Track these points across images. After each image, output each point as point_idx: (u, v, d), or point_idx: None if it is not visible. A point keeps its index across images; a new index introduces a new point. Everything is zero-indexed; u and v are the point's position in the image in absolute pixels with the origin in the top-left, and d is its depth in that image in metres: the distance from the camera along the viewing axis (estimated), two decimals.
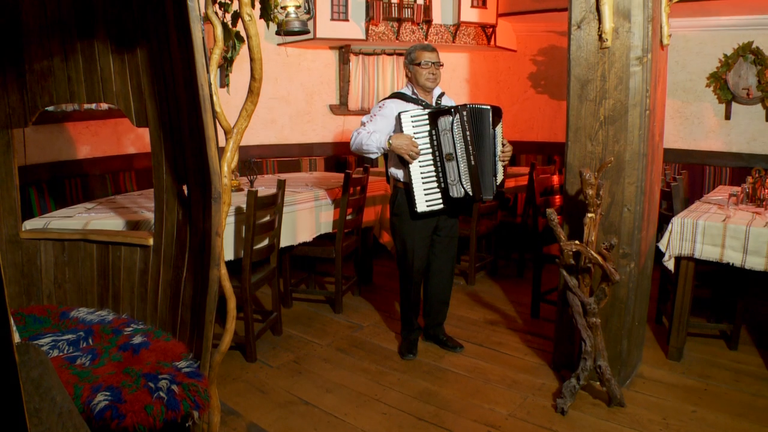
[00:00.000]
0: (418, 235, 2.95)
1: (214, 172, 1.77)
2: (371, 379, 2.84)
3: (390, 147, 2.76)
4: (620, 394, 2.49)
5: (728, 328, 3.07)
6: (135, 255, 2.28)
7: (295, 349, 3.19)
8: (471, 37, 5.09)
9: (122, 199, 3.33)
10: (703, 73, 4.64)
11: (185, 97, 1.94)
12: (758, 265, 2.61)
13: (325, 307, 3.86)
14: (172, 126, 2.06)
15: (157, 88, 2.06)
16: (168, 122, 2.06)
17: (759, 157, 4.48)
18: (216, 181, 1.78)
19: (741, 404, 2.50)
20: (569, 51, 2.62)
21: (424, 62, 2.83)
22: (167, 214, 2.16)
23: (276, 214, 3.11)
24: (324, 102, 5.39)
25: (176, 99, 2.00)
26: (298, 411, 2.55)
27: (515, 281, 4.47)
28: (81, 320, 2.27)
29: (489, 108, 2.80)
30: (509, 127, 5.82)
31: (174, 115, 2.03)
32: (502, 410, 2.53)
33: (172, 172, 2.11)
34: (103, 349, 2.04)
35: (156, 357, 2.00)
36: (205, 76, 1.69)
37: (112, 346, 2.06)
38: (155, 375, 1.87)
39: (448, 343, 3.16)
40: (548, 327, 3.42)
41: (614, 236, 2.55)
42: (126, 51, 2.11)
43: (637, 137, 2.48)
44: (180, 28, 1.86)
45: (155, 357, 2.00)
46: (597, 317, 2.45)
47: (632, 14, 2.43)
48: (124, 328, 2.21)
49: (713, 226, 2.71)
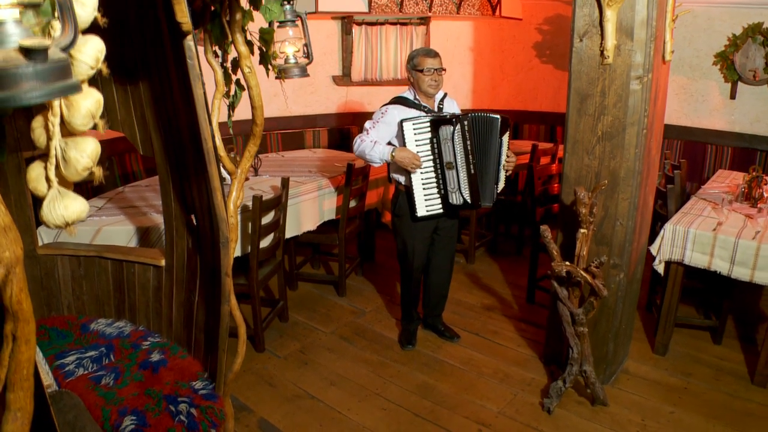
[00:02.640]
0: (419, 236, 3.06)
1: (221, 219, 1.86)
2: (372, 371, 3.04)
3: (393, 160, 2.81)
4: (603, 395, 2.68)
5: (714, 324, 3.23)
6: (148, 273, 2.41)
7: (301, 338, 3.38)
8: (476, 8, 4.96)
9: (130, 194, 3.42)
10: (710, 51, 4.55)
11: (188, 136, 1.99)
12: (744, 275, 2.71)
13: (330, 289, 4.03)
14: (177, 159, 2.12)
15: (161, 122, 2.11)
16: (174, 155, 2.13)
17: (761, 139, 4.48)
18: (223, 228, 1.87)
19: (718, 405, 2.69)
20: (570, 63, 2.61)
21: (427, 69, 2.82)
22: (177, 240, 2.26)
23: (281, 212, 3.20)
24: (327, 73, 5.34)
25: (180, 136, 2.05)
26: (305, 405, 2.76)
27: (514, 260, 4.61)
28: (101, 333, 2.44)
29: (498, 118, 2.81)
30: (512, 96, 5.78)
31: (179, 149, 2.09)
32: (492, 407, 2.73)
33: (180, 202, 2.19)
34: (125, 368, 2.21)
35: (174, 376, 2.17)
36: (209, 132, 1.74)
37: (132, 364, 2.23)
38: (175, 397, 2.05)
39: (446, 333, 3.34)
40: (542, 313, 3.58)
41: (606, 248, 2.65)
42: (128, 83, 2.14)
43: (633, 155, 2.52)
44: (179, 69, 1.88)
45: (173, 376, 2.17)
46: (585, 326, 2.59)
47: (635, 32, 2.40)
48: (142, 342, 2.37)
49: (703, 235, 2.80)
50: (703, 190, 3.62)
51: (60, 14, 0.56)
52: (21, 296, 0.72)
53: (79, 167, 0.66)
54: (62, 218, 0.66)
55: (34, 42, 0.49)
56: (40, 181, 0.68)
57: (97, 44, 0.66)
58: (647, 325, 3.44)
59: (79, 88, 0.53)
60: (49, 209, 0.66)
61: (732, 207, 3.17)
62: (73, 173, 0.66)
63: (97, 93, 0.68)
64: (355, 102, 5.50)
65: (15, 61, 0.48)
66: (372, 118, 2.96)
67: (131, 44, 2.01)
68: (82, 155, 0.65)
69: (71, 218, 0.67)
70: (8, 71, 0.48)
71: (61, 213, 0.66)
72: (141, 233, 2.85)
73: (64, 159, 0.65)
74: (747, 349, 3.17)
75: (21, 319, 0.74)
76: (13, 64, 0.48)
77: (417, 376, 2.99)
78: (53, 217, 0.67)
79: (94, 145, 0.67)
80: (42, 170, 0.68)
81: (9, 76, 0.48)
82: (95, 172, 0.69)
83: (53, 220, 0.67)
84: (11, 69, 0.48)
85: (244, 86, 1.80)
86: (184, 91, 1.87)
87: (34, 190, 0.69)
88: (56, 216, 0.66)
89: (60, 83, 0.51)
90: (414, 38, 5.37)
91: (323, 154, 4.66)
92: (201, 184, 1.97)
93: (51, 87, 0.50)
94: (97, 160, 0.68)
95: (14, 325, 0.74)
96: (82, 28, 0.67)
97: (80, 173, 0.67)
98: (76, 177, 0.68)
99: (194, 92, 1.70)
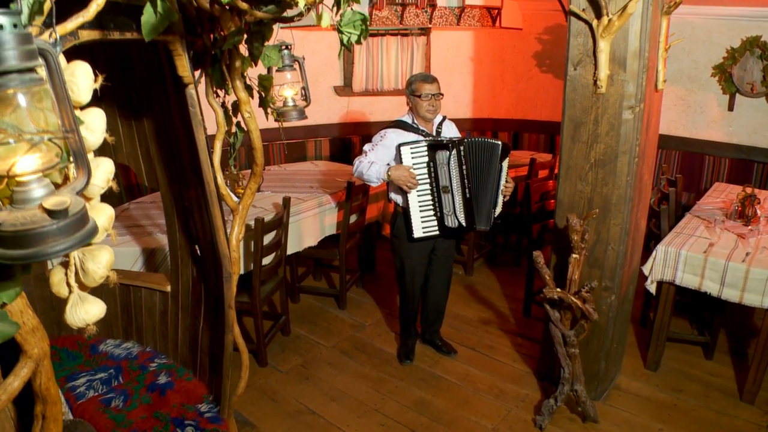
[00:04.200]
0: (416, 256, 3.14)
1: (224, 256, 1.94)
2: (371, 386, 3.13)
3: (389, 178, 2.88)
4: (594, 413, 2.76)
5: (706, 340, 3.30)
6: (154, 297, 2.50)
7: (303, 352, 3.48)
8: (476, 19, 5.01)
9: (136, 212, 3.51)
10: (709, 62, 4.59)
11: (191, 171, 2.07)
12: (733, 297, 2.78)
13: (331, 302, 4.12)
14: (182, 193, 2.20)
15: (164, 157, 2.19)
16: (178, 189, 2.21)
17: (759, 150, 4.53)
18: (226, 264, 1.95)
19: (706, 423, 2.77)
20: (564, 91, 2.67)
21: (425, 95, 2.89)
22: (182, 268, 2.35)
23: (282, 231, 3.29)
24: (328, 83, 5.40)
25: (183, 171, 2.13)
26: (306, 421, 2.85)
27: (512, 271, 4.68)
28: (110, 355, 2.54)
29: (499, 144, 2.86)
30: (512, 106, 5.83)
31: (183, 184, 2.17)
32: (487, 423, 2.82)
33: (184, 233, 2.28)
34: (133, 390, 2.31)
35: (180, 399, 2.27)
36: (211, 175, 1.82)
37: (140, 386, 2.33)
38: (182, 420, 2.15)
39: (443, 349, 3.43)
40: (538, 327, 3.66)
41: (598, 271, 2.73)
42: (133, 118, 2.22)
43: (624, 182, 2.59)
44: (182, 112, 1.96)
45: (180, 399, 2.27)
46: (576, 348, 2.67)
47: (628, 63, 2.46)
48: (149, 364, 2.47)
49: (694, 257, 2.87)
50: (698, 206, 3.68)
51: (74, 160, 0.64)
52: (49, 384, 0.81)
53: (96, 277, 0.74)
54: (83, 321, 0.75)
55: (56, 203, 0.57)
56: (61, 285, 0.77)
57: (107, 167, 0.74)
58: (641, 340, 3.51)
59: (97, 231, 0.61)
60: (71, 314, 0.75)
61: (725, 226, 3.24)
62: (91, 282, 0.75)
63: (110, 209, 0.76)
64: (357, 112, 5.57)
65: (40, 222, 0.56)
66: (371, 141, 3.03)
67: (134, 83, 2.09)
68: (99, 266, 0.73)
69: (91, 320, 0.75)
70: (35, 230, 0.56)
71: (82, 317, 0.74)
72: (147, 254, 2.94)
73: (82, 269, 0.73)
74: (738, 364, 3.25)
75: (49, 402, 0.84)
76: (39, 224, 0.56)
77: (414, 392, 3.08)
78: (76, 320, 0.75)
79: (109, 256, 0.75)
80: (63, 276, 0.76)
81: (35, 235, 0.56)
82: (111, 276, 0.77)
83: (76, 323, 0.76)
84: (38, 228, 0.56)
85: (244, 128, 1.87)
86: (187, 132, 1.95)
87: (57, 293, 0.77)
88: (78, 320, 0.75)
89: (80, 233, 0.58)
90: (415, 49, 5.43)
91: (325, 167, 4.74)
92: (204, 219, 2.06)
93: (73, 239, 0.58)
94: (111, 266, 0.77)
95: (43, 406, 0.83)
96: (91, 150, 0.75)
97: (97, 281, 0.75)
98: (94, 284, 0.76)
99: (197, 138, 1.78)
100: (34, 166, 0.57)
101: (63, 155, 0.61)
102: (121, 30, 1.16)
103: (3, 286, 0.67)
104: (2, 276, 0.67)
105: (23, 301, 0.74)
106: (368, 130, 5.50)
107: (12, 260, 0.56)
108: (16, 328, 0.73)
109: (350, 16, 1.33)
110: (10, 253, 0.56)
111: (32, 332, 0.73)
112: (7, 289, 0.67)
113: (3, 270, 0.67)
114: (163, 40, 1.45)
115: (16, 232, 0.56)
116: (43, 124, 0.61)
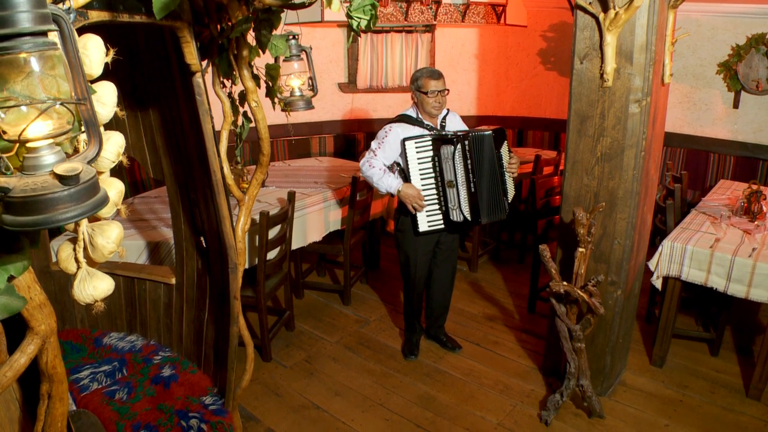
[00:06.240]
0: (421, 250, 3.13)
1: (230, 246, 1.94)
2: (376, 381, 3.12)
3: (398, 195, 2.90)
4: (600, 408, 2.75)
5: (712, 336, 3.28)
6: (159, 290, 2.50)
7: (307, 347, 3.47)
8: (480, 16, 5.00)
9: (140, 206, 3.51)
10: (714, 60, 4.57)
11: (197, 162, 2.07)
12: (740, 292, 2.77)
13: (335, 297, 4.11)
14: (187, 184, 2.20)
15: (170, 148, 2.19)
16: (183, 180, 2.20)
17: (764, 148, 4.51)
18: (232, 254, 1.95)
19: (712, 419, 2.75)
20: (571, 85, 2.66)
21: (431, 91, 2.88)
22: (187, 260, 2.34)
23: (287, 226, 3.28)
24: (333, 80, 5.40)
25: (189, 161, 2.12)
26: (310, 416, 2.85)
27: (516, 268, 4.67)
28: (114, 348, 2.53)
29: (490, 133, 2.88)
30: (517, 103, 5.82)
31: (188, 175, 2.17)
32: (492, 418, 2.80)
33: (189, 224, 2.27)
34: (137, 382, 2.30)
35: (185, 391, 2.26)
36: (217, 164, 1.82)
37: (144, 379, 2.32)
38: (186, 412, 2.14)
39: (448, 344, 3.41)
40: (543, 323, 3.65)
41: (604, 265, 2.71)
42: (139, 109, 2.21)
43: (631, 176, 2.58)
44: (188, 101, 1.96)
45: (184, 391, 2.26)
46: (582, 342, 2.66)
47: (634, 57, 2.45)
48: (153, 357, 2.46)
49: (700, 252, 2.85)
50: (703, 203, 3.66)
51: (86, 130, 0.63)
52: (55, 362, 0.81)
53: (105, 252, 0.73)
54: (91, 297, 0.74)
55: (67, 168, 0.56)
56: (69, 261, 0.76)
57: (118, 140, 0.74)
58: (646, 336, 3.50)
59: (107, 200, 0.60)
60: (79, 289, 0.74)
61: (731, 221, 3.22)
62: (100, 257, 0.74)
63: (120, 183, 0.75)
64: (361, 109, 5.57)
65: (51, 188, 0.55)
66: (377, 137, 3.02)
67: (142, 73, 2.09)
68: (108, 241, 0.73)
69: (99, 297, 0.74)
70: (45, 196, 0.55)
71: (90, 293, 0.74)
72: (151, 248, 2.94)
73: (91, 244, 0.73)
74: (744, 361, 3.23)
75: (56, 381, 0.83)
76: (50, 190, 0.55)
77: (419, 387, 3.07)
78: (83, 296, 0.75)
79: (118, 231, 0.75)
80: (71, 251, 0.75)
81: (46, 201, 0.55)
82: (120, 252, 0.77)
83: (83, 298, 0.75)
84: (48, 194, 0.55)
85: (251, 119, 1.87)
86: (193, 121, 1.95)
87: (65, 269, 0.77)
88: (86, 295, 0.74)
89: (91, 201, 0.58)
90: (419, 45, 5.42)
91: (329, 163, 4.74)
92: (210, 210, 2.05)
93: (84, 206, 0.57)
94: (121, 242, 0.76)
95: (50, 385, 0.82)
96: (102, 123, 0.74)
97: (106, 257, 0.74)
98: (103, 259, 0.75)
99: (203, 127, 1.78)
100: (45, 131, 0.57)
101: (74, 123, 0.60)
102: (131, 12, 1.16)
103: (11, 258, 0.67)
104: (10, 248, 0.67)
105: (31, 276, 0.73)
106: (372, 127, 5.50)
107: (22, 227, 0.56)
108: (23, 302, 0.73)
109: (360, 1, 1.32)
110: (19, 219, 0.55)
111: (39, 308, 0.72)
112: (14, 262, 0.67)
113: (11, 242, 0.66)
114: (171, 25, 1.44)
115: (26, 198, 0.55)
116: (55, 92, 0.60)
